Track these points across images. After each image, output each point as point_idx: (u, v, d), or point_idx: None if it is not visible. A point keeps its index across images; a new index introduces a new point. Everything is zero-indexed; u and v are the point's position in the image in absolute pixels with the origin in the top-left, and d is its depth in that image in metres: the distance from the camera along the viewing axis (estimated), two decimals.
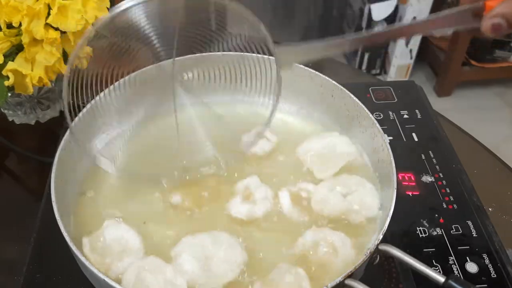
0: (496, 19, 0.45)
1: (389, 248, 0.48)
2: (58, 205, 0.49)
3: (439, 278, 0.45)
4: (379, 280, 0.57)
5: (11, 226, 0.66)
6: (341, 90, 0.64)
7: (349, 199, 0.56)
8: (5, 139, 0.73)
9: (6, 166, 0.77)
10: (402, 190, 0.64)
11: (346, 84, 0.64)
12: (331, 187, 0.57)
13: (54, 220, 0.47)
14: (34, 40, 0.62)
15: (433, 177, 0.66)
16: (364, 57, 2.00)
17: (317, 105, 0.67)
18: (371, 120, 0.60)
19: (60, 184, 0.52)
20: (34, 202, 0.67)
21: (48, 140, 0.78)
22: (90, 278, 0.48)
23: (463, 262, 0.56)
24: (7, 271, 0.61)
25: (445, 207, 0.62)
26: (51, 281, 0.56)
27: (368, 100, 0.77)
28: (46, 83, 0.65)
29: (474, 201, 0.63)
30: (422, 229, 0.59)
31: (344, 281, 0.44)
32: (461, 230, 0.59)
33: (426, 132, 0.73)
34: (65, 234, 0.47)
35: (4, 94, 0.65)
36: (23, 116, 0.78)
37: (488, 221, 0.61)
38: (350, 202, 0.55)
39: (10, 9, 0.60)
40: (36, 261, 0.57)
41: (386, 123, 0.73)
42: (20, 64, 0.63)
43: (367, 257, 0.46)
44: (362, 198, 0.56)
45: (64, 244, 0.47)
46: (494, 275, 0.55)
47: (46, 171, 0.58)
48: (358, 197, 0.56)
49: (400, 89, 0.80)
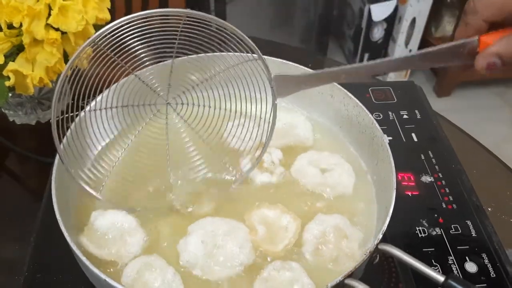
0: (492, 58, 0.42)
1: (388, 248, 0.48)
2: (59, 205, 0.49)
3: (439, 277, 0.45)
4: (379, 280, 0.57)
5: (11, 226, 0.66)
6: (341, 90, 0.64)
7: (326, 175, 0.60)
8: (5, 139, 0.73)
9: (7, 166, 0.77)
10: (402, 190, 0.64)
11: (346, 85, 0.64)
12: (312, 161, 0.61)
13: (54, 220, 0.47)
14: (34, 40, 0.62)
15: (432, 177, 0.66)
16: (364, 57, 2.01)
17: (316, 105, 0.67)
18: (370, 120, 0.60)
19: (60, 184, 0.52)
20: (34, 202, 0.67)
21: (48, 140, 0.77)
22: (91, 277, 0.48)
23: (463, 262, 0.56)
24: (7, 271, 0.61)
25: (445, 207, 0.62)
26: (51, 281, 0.56)
27: (367, 100, 0.77)
28: (47, 83, 0.65)
29: (473, 201, 0.63)
30: (422, 229, 0.60)
31: (344, 280, 0.45)
32: (460, 230, 0.59)
33: (425, 132, 0.73)
34: (66, 234, 0.47)
35: (5, 95, 0.65)
36: (24, 117, 0.78)
37: (487, 221, 0.61)
38: (326, 177, 0.59)
39: (10, 10, 0.60)
40: (36, 261, 0.57)
41: (386, 123, 0.73)
42: (21, 65, 0.63)
43: (367, 257, 0.46)
44: (340, 176, 0.60)
45: (64, 244, 0.47)
46: (493, 274, 0.55)
47: (46, 171, 0.58)
48: (336, 174, 0.60)
49: (400, 89, 0.80)
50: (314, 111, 0.68)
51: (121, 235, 0.52)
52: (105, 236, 0.52)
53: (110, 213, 0.54)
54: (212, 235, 0.52)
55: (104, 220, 0.53)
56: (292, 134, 0.66)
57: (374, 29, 1.91)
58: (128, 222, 0.54)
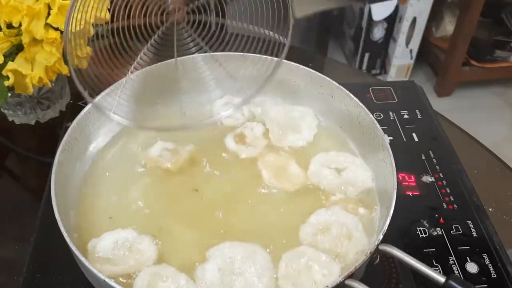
0: None
1: (389, 248, 0.48)
2: (58, 205, 0.49)
3: (440, 278, 0.45)
4: (379, 281, 0.57)
5: (11, 226, 0.66)
6: (341, 90, 0.64)
7: (343, 174, 0.59)
8: (5, 139, 0.73)
9: (6, 166, 0.77)
10: (402, 190, 0.64)
11: (346, 84, 0.64)
12: (323, 162, 0.60)
13: (54, 220, 0.47)
14: (34, 40, 0.62)
15: (433, 177, 0.66)
16: (364, 57, 2.00)
17: (316, 105, 0.67)
18: (371, 120, 0.60)
19: (60, 184, 0.52)
20: (34, 202, 0.67)
21: (48, 140, 0.78)
22: (90, 278, 0.48)
23: (463, 262, 0.56)
24: (7, 271, 0.61)
25: (445, 207, 0.62)
26: (51, 281, 0.56)
27: (368, 100, 0.77)
28: (46, 83, 0.65)
29: (474, 201, 0.63)
30: (422, 229, 0.59)
31: (344, 281, 0.44)
32: (461, 230, 0.59)
33: (426, 132, 0.73)
34: (65, 234, 0.46)
35: (4, 94, 0.65)
36: (23, 116, 0.78)
37: (488, 221, 0.61)
38: (343, 176, 0.59)
39: (10, 9, 0.60)
40: (36, 261, 0.57)
41: (386, 123, 0.73)
42: (20, 64, 0.63)
43: (367, 257, 0.46)
44: (355, 172, 0.59)
45: (64, 244, 0.47)
46: (494, 275, 0.55)
47: (46, 171, 0.58)
48: (351, 171, 0.60)
49: (400, 89, 0.80)
50: (314, 111, 0.68)
51: (130, 247, 0.51)
52: (114, 255, 0.51)
53: (106, 236, 0.52)
54: (230, 261, 0.50)
55: (104, 243, 0.51)
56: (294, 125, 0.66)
57: (375, 28, 1.91)
58: (129, 234, 0.52)
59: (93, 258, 0.50)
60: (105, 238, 0.52)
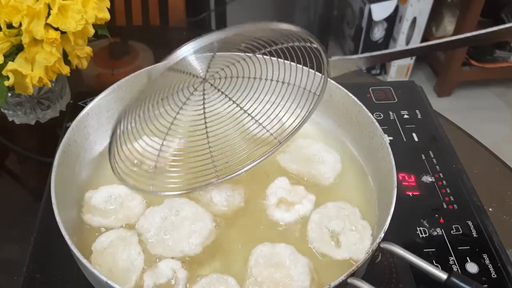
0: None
1: (391, 246, 0.48)
2: (58, 205, 0.49)
3: (441, 275, 0.45)
4: (380, 279, 0.57)
5: (11, 226, 0.66)
6: (341, 90, 0.64)
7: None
8: (5, 139, 0.73)
9: (6, 166, 0.77)
10: (402, 190, 0.64)
11: (346, 84, 0.64)
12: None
13: (54, 220, 0.47)
14: (34, 40, 0.62)
15: (433, 177, 0.66)
16: None
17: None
18: (370, 120, 0.60)
19: (60, 184, 0.52)
20: (34, 202, 0.67)
21: (48, 140, 0.78)
22: (90, 278, 0.48)
23: (464, 262, 0.56)
24: (7, 271, 0.61)
25: (445, 207, 0.62)
26: (51, 281, 0.56)
27: (368, 100, 0.77)
28: (46, 83, 0.65)
29: (474, 201, 0.63)
30: (423, 229, 0.59)
31: (347, 279, 0.44)
32: (461, 230, 0.59)
33: (426, 132, 0.73)
34: (65, 234, 0.46)
35: (4, 94, 0.65)
36: (23, 116, 0.78)
37: (488, 221, 0.61)
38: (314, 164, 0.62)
39: (10, 9, 0.60)
40: (36, 261, 0.57)
41: (386, 123, 0.73)
42: (20, 64, 0.63)
43: (369, 256, 0.46)
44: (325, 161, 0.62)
45: (64, 244, 0.47)
46: (494, 275, 0.55)
47: (46, 171, 0.58)
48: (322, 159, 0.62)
49: (400, 89, 0.80)
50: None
51: (121, 202, 0.56)
52: (106, 207, 0.55)
53: (102, 189, 0.57)
54: (170, 216, 0.54)
55: (100, 195, 0.56)
56: None
57: (375, 28, 1.91)
58: (122, 190, 0.56)
59: (89, 208, 0.55)
60: (101, 190, 0.57)
